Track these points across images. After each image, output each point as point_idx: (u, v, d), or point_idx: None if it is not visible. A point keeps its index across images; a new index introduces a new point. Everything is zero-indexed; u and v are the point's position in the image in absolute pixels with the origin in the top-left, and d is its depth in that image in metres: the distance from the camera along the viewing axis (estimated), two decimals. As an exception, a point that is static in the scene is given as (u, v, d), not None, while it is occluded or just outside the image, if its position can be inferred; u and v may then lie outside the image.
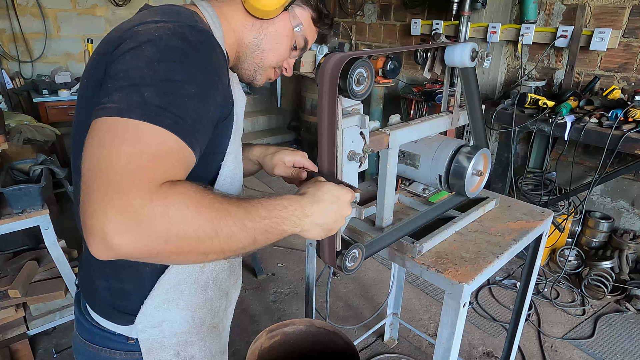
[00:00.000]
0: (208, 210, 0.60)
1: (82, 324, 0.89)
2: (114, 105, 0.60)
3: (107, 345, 0.86)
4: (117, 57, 0.65)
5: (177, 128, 0.61)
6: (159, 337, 0.85)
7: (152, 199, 0.55)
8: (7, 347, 1.99)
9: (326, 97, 0.90)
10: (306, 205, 0.74)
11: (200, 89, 0.65)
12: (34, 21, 4.22)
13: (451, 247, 1.24)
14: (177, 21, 0.69)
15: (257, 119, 5.70)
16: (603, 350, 2.26)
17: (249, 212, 0.65)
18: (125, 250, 0.54)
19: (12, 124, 2.78)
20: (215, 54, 0.71)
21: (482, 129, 1.39)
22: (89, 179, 0.56)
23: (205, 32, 0.71)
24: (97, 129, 0.59)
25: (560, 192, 2.87)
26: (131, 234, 0.54)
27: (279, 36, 0.87)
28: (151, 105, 0.60)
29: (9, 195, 1.78)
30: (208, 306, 0.90)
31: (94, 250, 0.54)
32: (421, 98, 3.42)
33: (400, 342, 2.33)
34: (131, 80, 0.61)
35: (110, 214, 0.53)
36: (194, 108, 0.64)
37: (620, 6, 2.59)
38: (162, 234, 0.56)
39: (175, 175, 0.61)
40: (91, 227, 0.53)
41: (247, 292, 2.73)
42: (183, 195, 0.58)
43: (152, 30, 0.67)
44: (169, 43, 0.65)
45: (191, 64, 0.66)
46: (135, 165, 0.56)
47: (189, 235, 0.58)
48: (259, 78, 0.91)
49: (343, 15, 4.66)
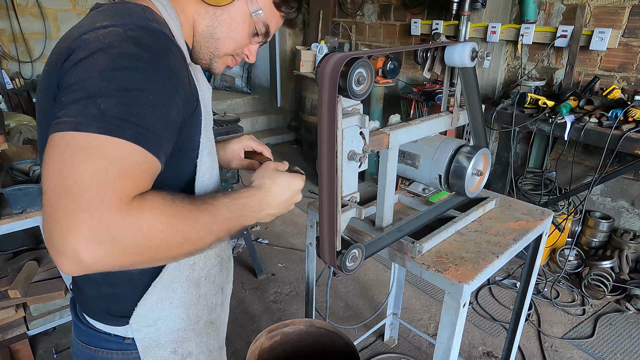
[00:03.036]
0: (178, 221, 0.62)
1: (78, 327, 0.89)
2: (70, 119, 0.57)
3: (104, 346, 0.86)
4: (69, 68, 0.62)
5: (139, 138, 0.60)
6: (155, 336, 0.85)
7: (124, 216, 0.56)
8: (7, 347, 1.99)
9: (326, 97, 0.90)
10: (263, 199, 0.79)
11: (159, 94, 0.64)
12: (34, 21, 4.22)
13: (451, 247, 1.24)
14: (127, 24, 0.66)
15: (257, 119, 5.70)
16: (603, 350, 2.26)
17: (214, 216, 0.69)
18: (97, 267, 0.55)
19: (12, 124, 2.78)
20: (170, 54, 0.68)
21: (482, 128, 1.39)
22: (54, 197, 0.55)
23: (158, 32, 0.68)
24: (56, 145, 0.57)
25: (560, 192, 2.87)
26: (104, 251, 0.54)
27: (234, 24, 0.82)
28: (110, 117, 0.58)
29: (9, 195, 1.77)
30: (203, 302, 0.91)
31: (64, 268, 0.54)
32: (421, 98, 3.42)
33: (400, 342, 2.33)
34: (86, 92, 0.59)
35: (82, 233, 0.53)
36: (155, 115, 0.63)
37: (620, 6, 2.59)
38: (136, 248, 0.57)
39: (143, 187, 0.61)
40: (61, 246, 0.53)
41: (247, 292, 2.73)
42: (154, 210, 0.59)
43: (102, 37, 0.63)
44: (122, 50, 0.62)
45: (147, 69, 0.63)
46: (102, 182, 0.55)
47: (161, 246, 0.60)
48: (215, 66, 0.87)
49: (343, 15, 4.66)
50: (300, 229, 3.49)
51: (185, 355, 0.90)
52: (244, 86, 6.11)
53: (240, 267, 2.97)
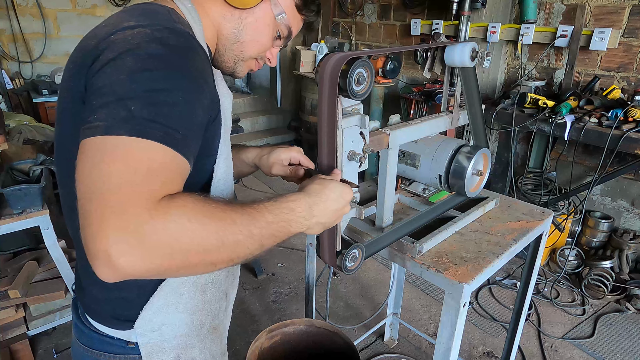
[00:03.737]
0: (211, 220, 0.59)
1: (80, 329, 0.88)
2: (101, 123, 0.58)
3: (107, 350, 0.85)
4: (97, 70, 0.62)
5: (168, 139, 0.59)
6: (159, 341, 0.84)
7: (151, 215, 0.54)
8: (7, 347, 1.99)
9: (326, 97, 0.90)
10: (313, 205, 0.75)
11: (186, 94, 0.64)
12: (34, 21, 4.22)
13: (451, 247, 1.24)
14: (153, 24, 0.66)
15: (257, 119, 5.70)
16: (603, 350, 2.26)
17: (255, 219, 0.64)
18: (131, 271, 0.53)
19: (12, 124, 2.78)
20: (197, 55, 0.68)
21: (482, 128, 1.39)
22: (85, 202, 0.55)
23: (185, 33, 0.68)
24: (87, 150, 0.57)
25: (560, 192, 2.87)
26: (135, 253, 0.53)
27: (260, 26, 0.82)
28: (139, 118, 0.58)
29: (9, 195, 1.77)
30: (208, 308, 0.90)
31: (100, 273, 0.54)
32: (421, 98, 3.42)
33: (400, 342, 2.33)
34: (115, 95, 0.59)
35: (111, 236, 0.52)
36: (183, 115, 0.63)
37: (620, 6, 2.59)
38: (166, 250, 0.55)
39: (173, 188, 0.60)
40: (94, 250, 0.53)
41: (247, 292, 2.73)
42: (183, 208, 0.57)
43: (129, 37, 0.63)
44: (149, 51, 0.62)
45: (174, 70, 0.63)
46: (130, 183, 0.55)
47: (194, 248, 0.57)
48: (239, 70, 0.88)
49: (343, 15, 4.66)
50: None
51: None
52: (244, 86, 6.11)
53: (240, 267, 2.97)
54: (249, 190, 3.95)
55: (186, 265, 0.58)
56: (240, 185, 3.74)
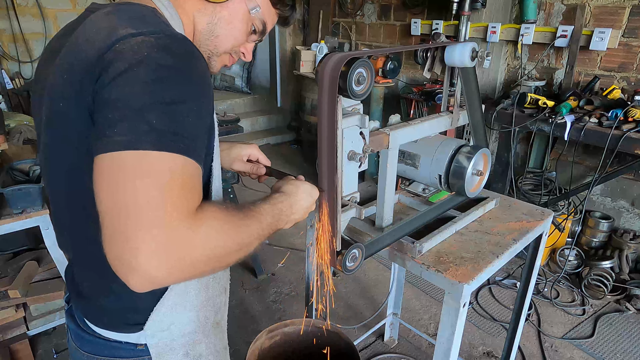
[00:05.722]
0: (235, 229, 0.66)
1: (82, 337, 0.86)
2: (121, 137, 0.57)
3: (115, 355, 0.84)
4: (108, 82, 0.61)
5: (188, 150, 0.61)
6: (168, 340, 0.84)
7: (193, 229, 0.58)
8: (7, 347, 1.99)
9: (326, 97, 0.90)
10: (293, 204, 0.85)
11: (197, 102, 0.64)
12: (34, 21, 4.22)
13: (451, 247, 1.24)
14: (153, 31, 0.65)
15: (257, 119, 5.70)
16: (603, 350, 2.26)
17: (260, 222, 0.73)
18: (168, 282, 0.58)
19: (12, 124, 2.78)
20: (199, 60, 0.68)
21: (482, 128, 1.39)
22: (117, 218, 0.55)
23: (184, 39, 0.68)
24: (109, 165, 0.57)
25: (560, 192, 2.87)
26: (176, 266, 0.56)
27: (234, 20, 0.82)
28: (159, 131, 0.58)
29: (9, 195, 1.77)
30: (211, 303, 0.91)
31: (135, 285, 0.56)
32: (421, 98, 3.42)
33: (400, 342, 2.33)
34: (133, 108, 0.59)
35: (153, 251, 0.54)
36: (197, 124, 0.64)
37: (620, 6, 2.59)
38: (204, 258, 0.60)
39: (200, 197, 0.63)
40: (133, 265, 0.54)
41: (247, 292, 2.73)
42: (217, 221, 0.62)
43: (136, 47, 0.62)
44: (159, 61, 0.62)
45: (184, 79, 0.64)
46: (165, 198, 0.56)
47: (224, 255, 0.64)
48: (213, 65, 0.87)
49: (343, 15, 4.66)
50: (300, 229, 3.48)
51: (196, 358, 0.90)
52: (244, 86, 6.11)
53: (240, 267, 2.97)
54: (248, 190, 3.95)
55: (210, 270, 0.64)
56: (240, 185, 3.74)
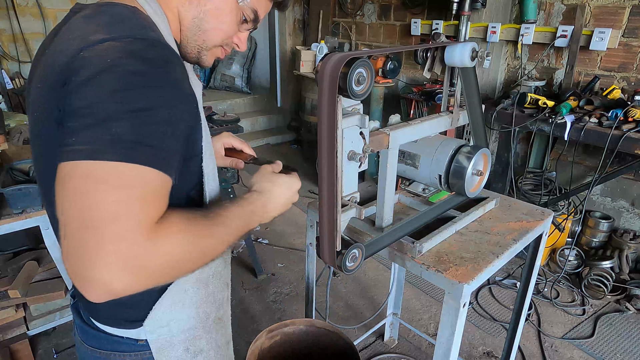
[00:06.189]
0: (198, 239, 0.65)
1: (86, 331, 0.87)
2: (84, 147, 0.56)
3: (117, 349, 0.85)
4: (73, 90, 0.59)
5: (155, 161, 0.59)
6: (168, 336, 0.85)
7: (153, 242, 0.57)
8: (7, 347, 1.99)
9: (326, 97, 0.90)
10: (267, 203, 0.83)
11: (168, 110, 0.62)
12: (34, 21, 4.22)
13: (451, 247, 1.24)
14: (124, 36, 0.63)
15: (257, 119, 5.70)
16: (603, 350, 2.26)
17: (227, 226, 0.72)
18: (126, 293, 0.57)
19: (12, 124, 2.78)
20: (173, 64, 0.66)
21: (482, 128, 1.39)
22: (77, 230, 0.54)
23: (158, 42, 0.65)
24: (71, 175, 0.56)
25: (560, 192, 2.87)
26: (135, 278, 0.56)
27: (221, 13, 0.78)
28: (124, 142, 0.57)
29: (9, 195, 1.77)
30: (212, 300, 0.91)
31: (91, 297, 0.55)
32: (421, 98, 3.42)
33: (400, 342, 2.33)
34: (97, 117, 0.57)
35: (111, 264, 0.54)
36: (167, 132, 0.62)
37: (620, 6, 2.59)
38: (164, 270, 0.60)
39: (163, 208, 0.62)
40: (90, 278, 0.54)
41: (247, 292, 2.73)
42: (180, 233, 0.62)
43: (103, 54, 0.60)
44: (127, 68, 0.59)
45: (154, 86, 0.61)
46: (126, 212, 0.56)
47: (186, 265, 0.64)
48: (204, 59, 0.84)
49: (343, 15, 4.66)
50: (300, 229, 3.49)
51: (196, 353, 0.91)
52: (244, 86, 6.11)
53: (240, 267, 2.97)
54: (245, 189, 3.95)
55: (173, 278, 0.66)
56: (240, 185, 3.74)
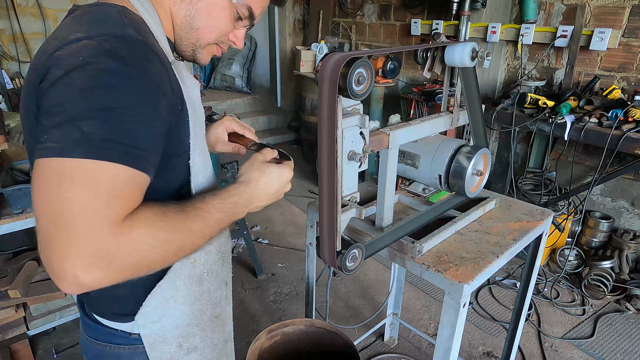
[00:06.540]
0: (172, 234, 0.64)
1: (86, 322, 0.90)
2: (54, 144, 0.57)
3: (112, 341, 0.87)
4: (46, 89, 0.60)
5: (126, 158, 0.59)
6: (161, 332, 0.85)
7: (118, 239, 0.57)
8: (7, 347, 1.99)
9: (326, 97, 0.90)
10: (253, 193, 0.80)
11: (141, 108, 0.62)
12: (34, 21, 4.22)
13: (451, 247, 1.24)
14: (100, 34, 0.63)
15: (257, 119, 5.70)
16: (603, 350, 2.26)
17: (206, 220, 0.70)
18: (97, 287, 0.58)
19: (12, 124, 2.78)
20: (149, 63, 0.65)
21: (482, 128, 1.39)
22: (47, 226, 0.56)
23: (134, 41, 0.64)
24: (42, 172, 0.57)
25: (560, 192, 2.87)
26: (103, 273, 0.57)
27: (213, 10, 0.78)
28: (94, 140, 0.57)
29: (9, 195, 1.77)
30: (207, 297, 0.91)
31: (65, 290, 0.57)
32: (421, 98, 3.42)
33: (400, 342, 2.33)
34: (67, 115, 0.57)
35: (79, 260, 0.55)
36: (139, 130, 0.62)
37: (620, 6, 2.59)
38: (133, 265, 0.60)
39: (134, 205, 0.62)
40: (61, 273, 0.55)
41: (247, 292, 2.73)
42: (148, 228, 0.61)
43: (75, 53, 0.60)
44: (99, 66, 0.59)
45: (127, 84, 0.61)
46: (93, 209, 0.56)
47: (157, 259, 0.63)
48: (200, 57, 0.84)
49: (343, 15, 4.66)
50: (300, 229, 3.49)
51: (190, 350, 0.91)
52: (244, 86, 6.11)
53: (240, 267, 2.97)
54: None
55: (147, 272, 0.64)
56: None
